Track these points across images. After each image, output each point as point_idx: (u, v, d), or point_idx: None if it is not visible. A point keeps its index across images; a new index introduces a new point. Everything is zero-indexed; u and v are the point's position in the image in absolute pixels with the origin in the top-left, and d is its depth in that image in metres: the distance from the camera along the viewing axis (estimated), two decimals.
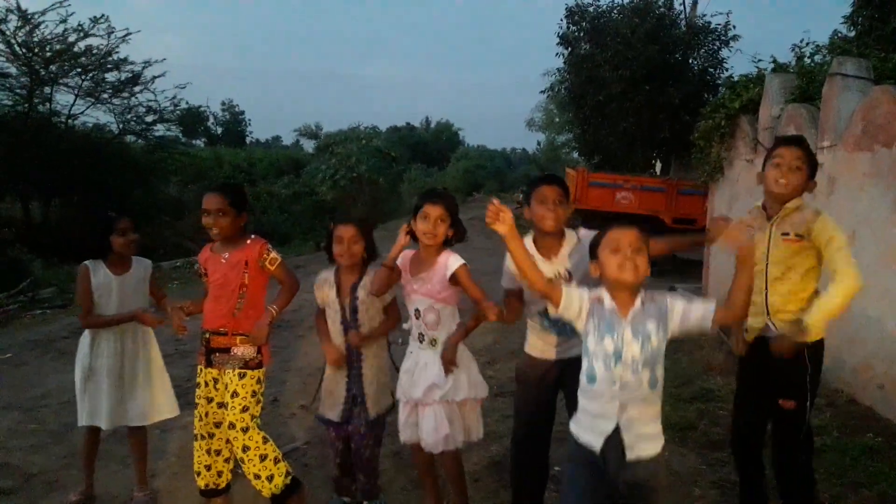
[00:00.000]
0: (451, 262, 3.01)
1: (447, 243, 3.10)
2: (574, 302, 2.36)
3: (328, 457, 4.16)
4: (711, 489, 3.87)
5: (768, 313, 2.98)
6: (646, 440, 2.32)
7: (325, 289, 3.39)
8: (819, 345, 2.96)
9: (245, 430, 3.27)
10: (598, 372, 2.31)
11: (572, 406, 2.54)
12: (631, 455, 2.29)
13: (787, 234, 2.92)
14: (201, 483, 3.46)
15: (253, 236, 3.37)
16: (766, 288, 2.97)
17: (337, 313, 3.34)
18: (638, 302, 2.33)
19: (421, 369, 3.12)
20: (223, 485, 3.50)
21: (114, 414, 3.55)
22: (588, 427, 2.36)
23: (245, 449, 3.27)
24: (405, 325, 3.26)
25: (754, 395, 3.14)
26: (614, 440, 2.29)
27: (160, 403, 3.69)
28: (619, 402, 2.29)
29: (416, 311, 3.13)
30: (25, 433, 4.72)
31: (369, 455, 3.37)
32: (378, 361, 3.38)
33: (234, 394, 3.28)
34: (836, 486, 3.83)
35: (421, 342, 3.15)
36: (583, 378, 2.38)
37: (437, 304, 3.07)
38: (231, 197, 3.26)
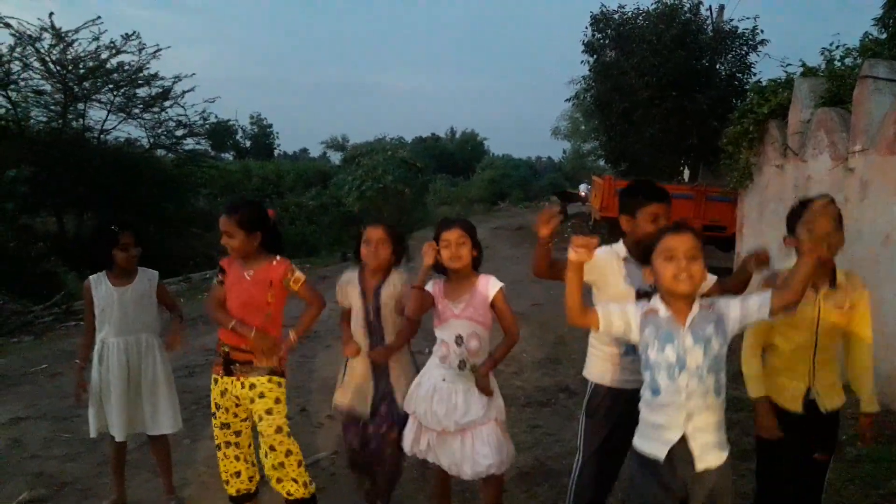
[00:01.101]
0: (492, 285, 3.03)
1: (475, 265, 3.09)
2: (615, 319, 2.35)
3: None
4: (743, 501, 3.80)
5: (814, 383, 2.86)
6: (713, 448, 2.30)
7: (347, 289, 3.42)
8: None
9: (289, 434, 3.36)
10: (661, 383, 2.28)
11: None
12: (700, 466, 2.26)
13: (842, 308, 2.80)
14: (232, 490, 3.50)
15: (278, 258, 3.34)
16: (815, 357, 2.83)
17: (360, 314, 3.36)
18: (696, 307, 2.29)
19: (466, 394, 3.02)
20: (254, 489, 3.54)
21: (125, 424, 3.58)
22: (652, 438, 2.33)
23: (289, 454, 3.35)
24: (434, 351, 3.17)
25: (794, 463, 2.96)
26: (680, 450, 2.26)
27: (161, 418, 3.69)
28: (686, 412, 2.25)
29: (458, 337, 3.03)
30: (60, 442, 4.81)
31: (391, 454, 3.37)
32: (403, 356, 3.40)
33: (277, 400, 3.33)
34: (871, 497, 3.74)
35: (462, 370, 3.03)
36: (645, 392, 2.36)
37: (479, 328, 3.03)
38: (239, 217, 3.21)
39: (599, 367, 2.99)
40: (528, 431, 4.79)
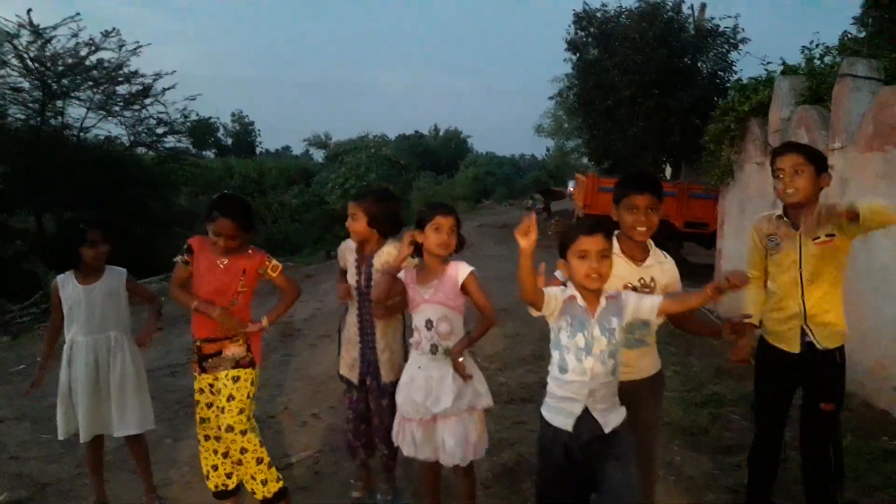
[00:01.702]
0: (462, 270, 3.03)
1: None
2: (552, 301, 2.52)
3: (340, 464, 4.18)
4: (725, 494, 3.84)
5: (805, 318, 3.00)
6: (612, 412, 2.56)
7: (346, 254, 3.57)
8: (842, 348, 3.05)
9: (243, 432, 3.30)
10: (570, 364, 2.52)
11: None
12: (608, 429, 2.52)
13: (818, 237, 2.93)
14: (211, 485, 3.50)
15: (252, 248, 3.38)
16: (803, 294, 2.99)
17: (353, 279, 3.48)
18: (603, 301, 2.55)
19: (438, 382, 3.03)
20: (232, 486, 3.51)
21: (90, 424, 3.52)
22: (558, 410, 2.56)
23: (243, 451, 3.31)
24: (410, 340, 3.22)
25: (780, 401, 3.16)
26: (585, 420, 2.51)
27: (128, 418, 3.59)
28: (589, 389, 2.50)
29: (428, 321, 3.05)
30: (39, 443, 4.75)
31: (387, 425, 3.37)
32: (391, 331, 3.45)
33: (230, 397, 3.30)
34: (851, 490, 3.78)
35: (434, 353, 3.05)
36: (554, 368, 2.59)
37: (450, 312, 3.04)
38: (241, 220, 3.26)
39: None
40: (511, 428, 4.80)
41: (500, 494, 3.87)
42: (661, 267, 2.91)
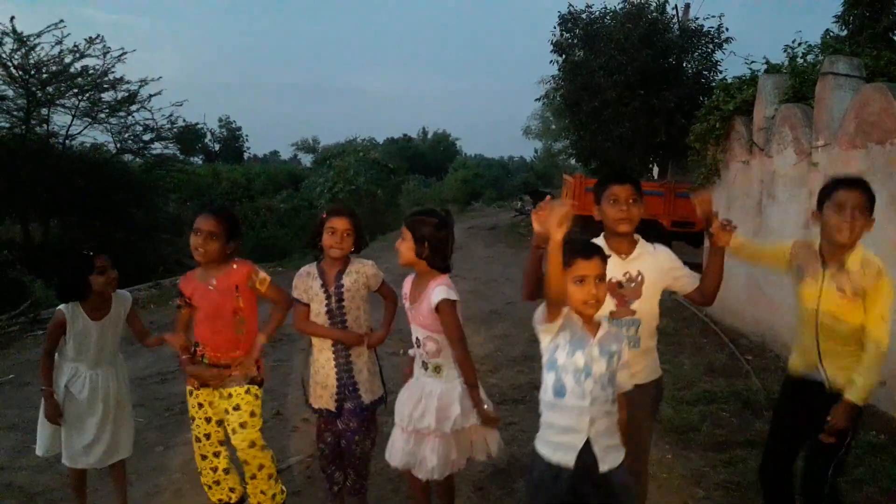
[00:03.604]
0: (437, 292, 2.90)
1: (435, 265, 2.98)
2: (564, 311, 2.39)
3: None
4: (715, 490, 3.87)
5: (821, 360, 2.86)
6: (612, 450, 2.41)
7: (308, 281, 3.34)
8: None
9: (263, 448, 3.33)
10: (568, 385, 2.36)
11: None
12: (603, 467, 2.36)
13: (844, 291, 2.76)
14: (214, 497, 3.46)
15: (237, 260, 3.30)
16: (818, 335, 2.84)
17: (322, 304, 3.31)
18: (605, 325, 2.43)
19: (428, 397, 3.00)
20: (235, 499, 3.48)
21: (101, 454, 3.44)
22: (557, 444, 2.39)
23: (261, 467, 3.33)
24: (410, 352, 3.21)
25: (792, 432, 3.03)
26: (585, 454, 2.35)
27: (122, 443, 3.54)
28: (590, 417, 2.35)
29: (416, 339, 3.05)
30: (29, 453, 4.70)
31: (360, 452, 3.35)
32: (364, 352, 3.37)
33: (252, 413, 3.30)
34: (839, 484, 3.81)
35: (425, 370, 3.05)
36: (547, 394, 2.42)
37: (431, 333, 2.98)
38: (226, 222, 3.18)
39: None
40: (503, 429, 4.77)
41: (493, 495, 3.88)
42: (654, 257, 2.92)
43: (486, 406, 2.95)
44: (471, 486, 3.95)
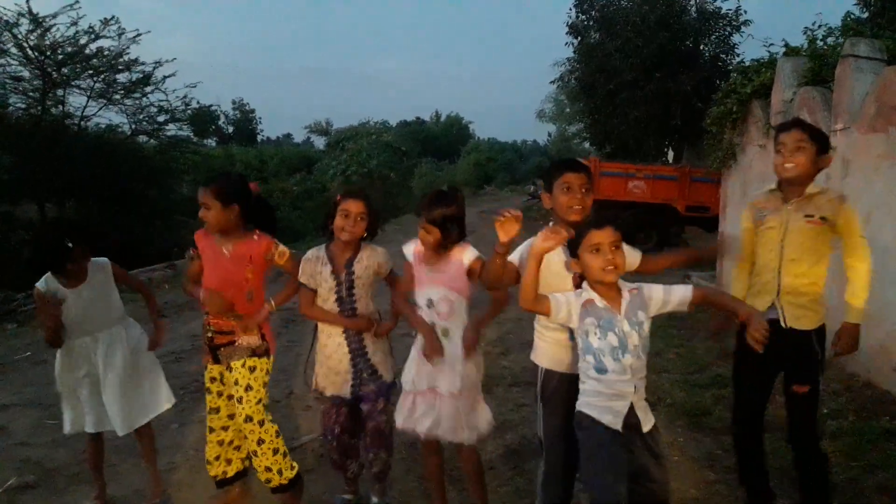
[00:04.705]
0: (468, 254, 3.04)
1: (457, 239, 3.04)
2: (562, 307, 2.51)
3: None
4: (727, 473, 3.86)
5: (778, 294, 3.00)
6: (649, 410, 2.57)
7: (317, 266, 3.30)
8: (823, 329, 3.03)
9: (261, 423, 3.27)
10: (608, 365, 2.47)
11: None
12: (646, 427, 2.53)
13: (812, 216, 2.93)
14: (212, 472, 3.50)
15: (258, 232, 3.30)
16: (780, 268, 2.99)
17: (331, 290, 3.29)
18: (626, 294, 2.52)
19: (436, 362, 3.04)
20: (231, 473, 3.51)
21: (96, 418, 3.48)
22: (605, 409, 2.49)
23: (260, 442, 3.27)
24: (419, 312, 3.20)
25: (757, 376, 3.13)
26: (630, 417, 2.49)
27: (135, 411, 3.56)
28: (633, 385, 2.48)
29: (429, 300, 3.07)
30: (46, 429, 4.79)
31: (390, 429, 3.36)
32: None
33: (248, 387, 3.26)
34: (852, 469, 3.81)
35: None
36: (589, 372, 2.52)
37: (451, 293, 3.04)
38: (216, 188, 3.16)
39: (550, 353, 2.88)
40: (515, 410, 4.83)
41: (505, 475, 3.90)
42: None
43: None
44: (483, 465, 3.97)
